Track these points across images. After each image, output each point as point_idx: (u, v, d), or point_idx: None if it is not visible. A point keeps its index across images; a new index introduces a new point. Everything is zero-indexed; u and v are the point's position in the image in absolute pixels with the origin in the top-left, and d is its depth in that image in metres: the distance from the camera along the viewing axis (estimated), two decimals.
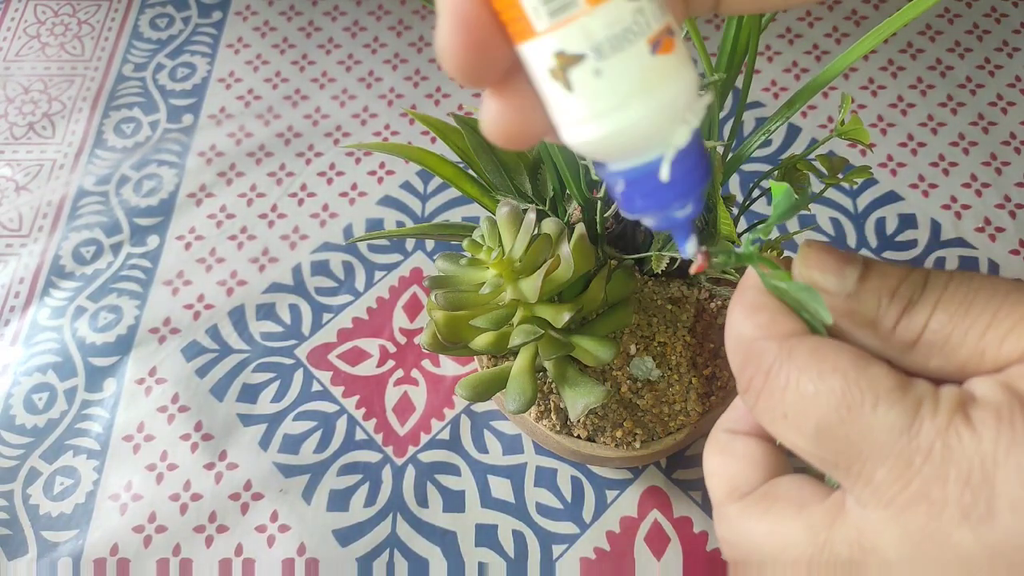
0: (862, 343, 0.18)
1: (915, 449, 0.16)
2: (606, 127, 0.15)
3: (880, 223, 0.54)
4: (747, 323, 0.18)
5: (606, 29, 0.14)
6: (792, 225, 0.53)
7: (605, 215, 0.34)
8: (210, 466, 0.47)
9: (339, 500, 0.45)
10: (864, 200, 0.55)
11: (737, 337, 0.19)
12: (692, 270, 0.18)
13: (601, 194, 0.32)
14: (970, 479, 0.15)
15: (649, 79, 0.15)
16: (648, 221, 0.17)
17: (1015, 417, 0.15)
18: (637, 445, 0.37)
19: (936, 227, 0.53)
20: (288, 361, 0.50)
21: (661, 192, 0.16)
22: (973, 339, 0.17)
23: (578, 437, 0.37)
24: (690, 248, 0.17)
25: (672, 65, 0.15)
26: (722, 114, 0.38)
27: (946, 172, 0.56)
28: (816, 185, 0.32)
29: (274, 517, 0.45)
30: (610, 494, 0.45)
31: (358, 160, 0.59)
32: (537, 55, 0.15)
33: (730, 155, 0.34)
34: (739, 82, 0.53)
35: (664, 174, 0.16)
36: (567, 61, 0.14)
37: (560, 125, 0.15)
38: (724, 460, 0.21)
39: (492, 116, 0.16)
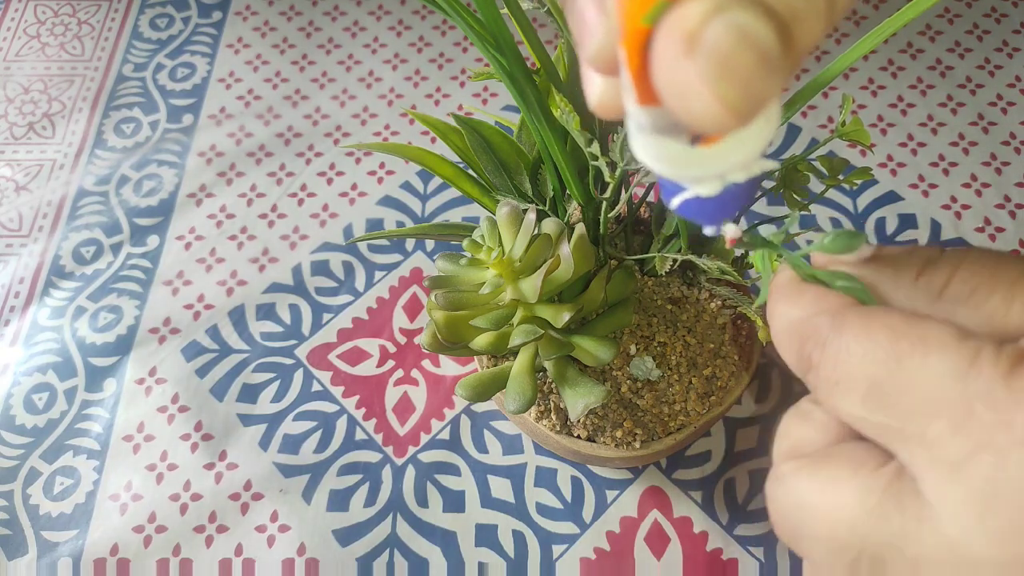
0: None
1: (974, 394, 0.14)
2: (647, 162, 0.16)
3: (880, 223, 0.54)
4: (795, 308, 0.18)
5: (648, 119, 0.15)
6: (793, 226, 0.53)
7: (609, 215, 0.34)
8: (210, 466, 0.47)
9: (339, 500, 0.45)
10: (864, 200, 0.55)
11: (788, 323, 0.18)
12: (727, 245, 0.19)
13: (607, 195, 0.32)
14: None
15: (683, 160, 0.16)
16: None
17: None
18: (637, 445, 0.37)
19: (936, 227, 0.53)
20: (288, 361, 0.50)
21: (694, 208, 0.17)
22: (1004, 287, 0.16)
23: (578, 437, 0.37)
24: (727, 232, 0.18)
25: (714, 152, 0.15)
26: None
27: (946, 172, 0.56)
28: (817, 186, 0.32)
29: (274, 517, 0.45)
30: (610, 494, 0.45)
31: (358, 160, 0.59)
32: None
33: None
34: None
35: (674, 205, 0.17)
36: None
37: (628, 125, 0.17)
38: (798, 423, 0.19)
39: (597, 90, 0.17)
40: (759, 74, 0.12)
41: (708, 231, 0.18)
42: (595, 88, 0.17)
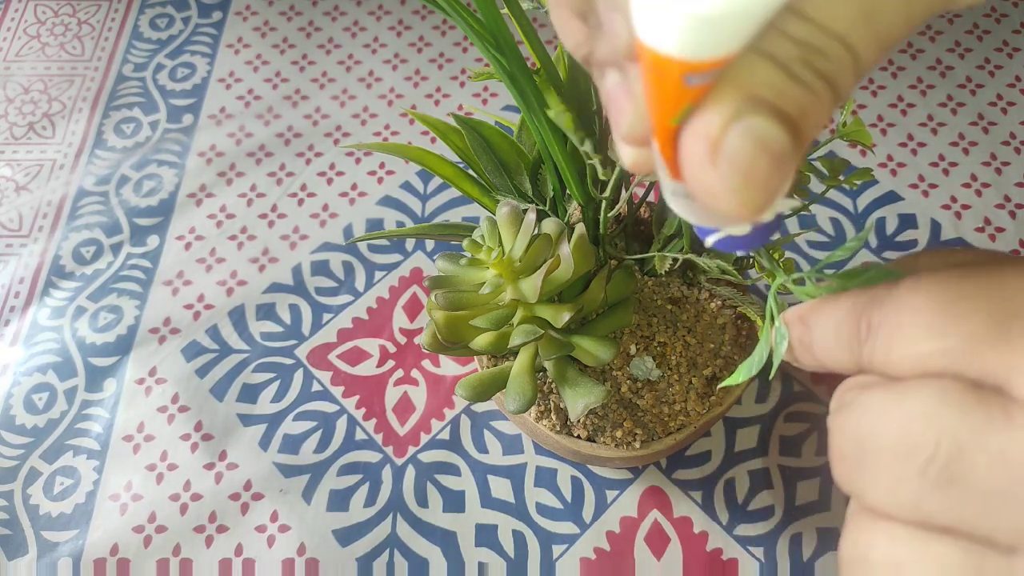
0: None
1: None
2: (683, 217, 0.18)
3: (880, 223, 0.54)
4: (839, 306, 0.18)
5: (680, 188, 0.17)
6: (793, 227, 0.53)
7: (608, 215, 0.34)
8: (210, 466, 0.47)
9: (339, 500, 0.45)
10: (864, 200, 0.55)
11: (839, 316, 0.18)
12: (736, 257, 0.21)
13: (607, 194, 0.32)
14: None
15: (715, 214, 0.17)
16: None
17: None
18: (637, 445, 0.37)
19: (936, 227, 0.53)
20: (288, 361, 0.50)
21: (728, 244, 0.19)
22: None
23: (578, 437, 0.37)
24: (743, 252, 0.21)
25: None
26: None
27: (946, 172, 0.56)
28: (817, 186, 0.32)
29: (274, 517, 0.45)
30: (610, 494, 0.45)
31: (358, 160, 0.59)
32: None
33: None
34: None
35: (709, 243, 0.19)
36: None
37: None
38: (858, 376, 0.19)
39: (630, 157, 0.18)
40: (775, 175, 0.14)
41: (740, 253, 0.20)
42: (628, 154, 0.18)
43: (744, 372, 0.23)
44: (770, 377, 0.36)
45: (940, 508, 0.15)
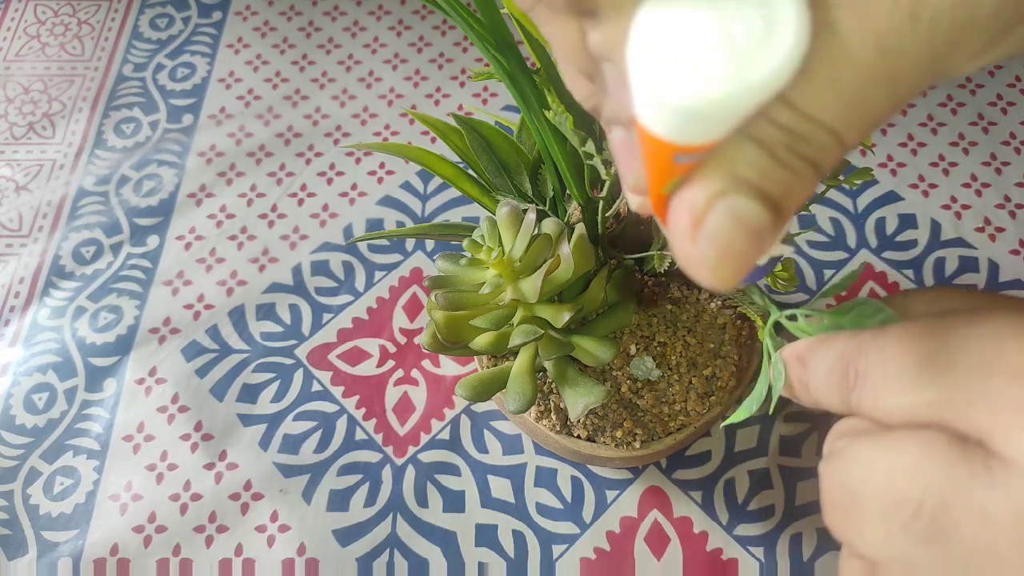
0: None
1: None
2: None
3: (880, 223, 0.54)
4: (832, 348, 0.18)
5: None
6: (792, 226, 0.53)
7: (606, 215, 0.34)
8: (210, 466, 0.47)
9: (339, 500, 0.45)
10: (864, 200, 0.55)
11: (832, 359, 0.18)
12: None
13: (603, 194, 0.32)
14: None
15: None
16: None
17: None
18: (637, 445, 0.37)
19: (936, 227, 0.53)
20: (288, 361, 0.50)
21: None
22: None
23: (578, 437, 0.37)
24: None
25: None
26: None
27: (946, 172, 0.56)
28: (817, 186, 0.32)
29: (274, 517, 0.45)
30: (610, 494, 0.45)
31: (358, 160, 0.59)
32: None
33: None
34: None
35: None
36: None
37: None
38: (850, 420, 0.19)
39: (636, 202, 0.19)
40: (752, 250, 0.15)
41: (739, 287, 0.21)
42: (635, 201, 0.19)
43: (745, 411, 0.24)
44: (770, 412, 0.36)
45: (925, 563, 0.15)
